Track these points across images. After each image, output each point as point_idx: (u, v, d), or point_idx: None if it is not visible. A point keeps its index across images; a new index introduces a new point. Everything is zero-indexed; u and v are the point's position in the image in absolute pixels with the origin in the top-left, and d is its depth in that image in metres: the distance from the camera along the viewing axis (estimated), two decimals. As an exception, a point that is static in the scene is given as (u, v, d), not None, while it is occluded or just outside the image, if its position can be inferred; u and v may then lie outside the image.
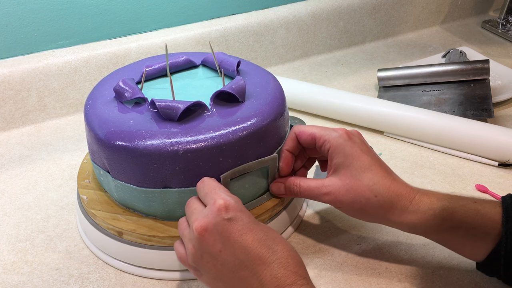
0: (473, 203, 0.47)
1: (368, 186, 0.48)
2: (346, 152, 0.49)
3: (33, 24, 0.77)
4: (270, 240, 0.42)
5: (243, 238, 0.41)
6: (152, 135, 0.48)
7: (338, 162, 0.50)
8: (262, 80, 0.57)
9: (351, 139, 0.50)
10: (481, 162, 0.69)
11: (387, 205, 0.48)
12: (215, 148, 0.48)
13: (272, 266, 0.41)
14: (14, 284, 0.53)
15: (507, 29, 1.07)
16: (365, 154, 0.49)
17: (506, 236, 0.45)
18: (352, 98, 0.76)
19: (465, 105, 0.77)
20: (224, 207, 0.42)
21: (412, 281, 0.52)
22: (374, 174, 0.48)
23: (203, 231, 0.42)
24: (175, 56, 0.60)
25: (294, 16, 0.93)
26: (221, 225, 0.42)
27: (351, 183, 0.48)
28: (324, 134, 0.51)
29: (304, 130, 0.53)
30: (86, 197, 0.55)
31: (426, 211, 0.47)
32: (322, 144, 0.51)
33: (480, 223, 0.46)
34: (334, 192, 0.49)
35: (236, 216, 0.42)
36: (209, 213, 0.43)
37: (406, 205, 0.47)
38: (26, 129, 0.78)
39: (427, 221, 0.47)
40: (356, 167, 0.49)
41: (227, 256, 0.42)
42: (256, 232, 0.42)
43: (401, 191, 0.48)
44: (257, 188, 0.54)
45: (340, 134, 0.50)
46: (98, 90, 0.56)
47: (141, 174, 0.49)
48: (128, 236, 0.51)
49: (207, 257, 0.43)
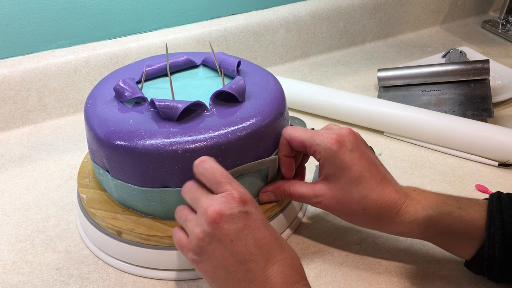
0: (457, 209, 0.48)
1: (357, 200, 0.49)
2: (336, 165, 0.49)
3: (33, 24, 0.77)
4: (279, 239, 0.44)
5: (257, 232, 0.42)
6: (151, 135, 0.48)
7: (329, 173, 0.50)
8: (262, 80, 0.57)
9: (342, 147, 0.49)
10: (481, 162, 0.69)
11: (374, 217, 0.50)
12: (214, 148, 0.48)
13: (280, 263, 0.42)
14: (14, 284, 0.53)
15: (507, 29, 1.07)
16: (356, 165, 0.49)
17: (489, 240, 0.46)
18: (352, 98, 0.76)
19: (465, 105, 0.77)
20: (241, 200, 0.43)
21: (412, 281, 0.52)
22: (363, 187, 0.49)
23: (218, 218, 0.42)
24: (175, 56, 0.60)
25: (294, 16, 0.93)
26: (237, 216, 0.42)
27: (340, 195, 0.50)
28: (313, 144, 0.50)
29: (294, 136, 0.51)
30: (86, 196, 0.55)
31: (411, 221, 0.49)
32: (313, 153, 0.51)
33: (464, 229, 0.47)
34: (325, 202, 0.51)
35: (252, 210, 0.43)
36: (225, 201, 0.42)
37: (392, 217, 0.49)
38: (26, 129, 0.78)
39: (412, 230, 0.49)
40: (345, 180, 0.49)
41: (238, 247, 0.42)
42: (269, 229, 0.43)
43: (389, 202, 0.49)
44: (257, 189, 0.54)
45: (331, 144, 0.49)
46: (98, 89, 0.56)
47: (140, 173, 0.49)
48: (127, 235, 0.51)
49: (216, 244, 0.42)
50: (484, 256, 0.47)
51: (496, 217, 0.46)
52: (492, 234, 0.46)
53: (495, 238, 0.46)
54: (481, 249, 0.47)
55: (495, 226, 0.46)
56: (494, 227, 0.46)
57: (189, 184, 0.46)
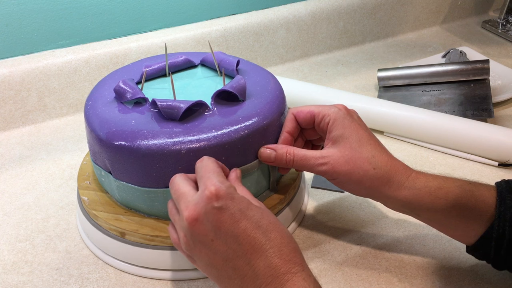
0: (468, 185, 0.47)
1: (367, 159, 0.48)
2: (346, 125, 0.50)
3: (33, 24, 0.77)
4: (264, 226, 0.41)
5: (234, 227, 0.40)
6: (154, 135, 0.48)
7: (337, 134, 0.49)
8: (262, 79, 0.57)
9: (349, 113, 0.51)
10: (481, 162, 0.69)
11: (384, 179, 0.48)
12: (218, 147, 0.48)
13: (266, 255, 0.40)
14: (14, 284, 0.53)
15: (507, 29, 1.07)
16: (363, 129, 0.50)
17: (499, 219, 0.45)
18: (352, 98, 0.76)
19: (465, 105, 0.77)
20: (214, 195, 0.40)
21: (412, 281, 0.52)
22: (373, 147, 0.49)
23: (193, 221, 0.41)
24: (174, 56, 0.60)
25: (294, 16, 0.93)
26: (211, 214, 0.40)
27: (350, 154, 0.48)
28: (322, 110, 0.51)
29: (302, 109, 0.52)
30: (87, 198, 0.55)
31: (421, 188, 0.47)
32: (322, 119, 0.51)
33: (474, 204, 0.46)
34: (332, 163, 0.49)
35: (227, 204, 0.41)
36: (199, 201, 0.41)
37: (403, 181, 0.48)
38: (26, 129, 0.78)
39: (421, 198, 0.47)
40: (355, 139, 0.49)
41: (220, 246, 0.41)
42: (248, 220, 0.41)
43: (398, 167, 0.49)
44: (259, 187, 0.54)
45: (339, 109, 0.51)
46: (98, 90, 0.56)
47: (143, 174, 0.49)
48: (131, 236, 0.51)
49: (199, 246, 0.42)
50: (493, 236, 0.46)
51: (507, 196, 0.46)
52: (503, 213, 0.45)
53: (505, 216, 0.45)
54: (490, 228, 0.46)
55: (505, 205, 0.46)
56: (505, 206, 0.45)
57: (172, 181, 0.46)
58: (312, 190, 0.65)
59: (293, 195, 0.58)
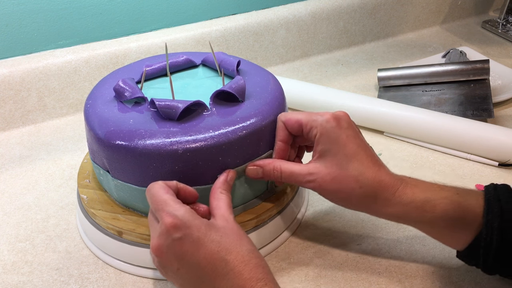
0: (455, 195, 0.47)
1: (353, 177, 0.47)
2: (333, 139, 0.48)
3: (33, 24, 0.77)
4: (222, 251, 0.42)
5: (194, 256, 0.42)
6: (151, 135, 0.48)
7: (325, 149, 0.49)
8: (262, 79, 0.57)
9: (338, 124, 0.49)
10: (481, 162, 0.69)
11: (371, 197, 0.48)
12: (215, 148, 0.48)
13: (228, 278, 0.41)
14: (14, 284, 0.53)
15: (507, 29, 1.07)
16: (351, 142, 0.48)
17: (487, 227, 0.45)
18: (352, 98, 0.76)
19: (465, 105, 0.77)
20: (172, 227, 0.42)
21: (412, 281, 0.52)
22: (360, 163, 0.48)
23: (158, 253, 0.43)
24: (175, 55, 0.60)
25: (294, 16, 0.93)
26: (172, 246, 0.42)
27: (336, 172, 0.48)
28: (310, 120, 0.50)
29: (290, 117, 0.51)
30: (86, 196, 0.55)
31: (408, 203, 0.47)
32: (309, 130, 0.50)
33: (461, 215, 0.46)
34: (319, 180, 0.49)
35: (185, 233, 0.42)
36: (160, 233, 0.43)
37: (389, 197, 0.47)
38: (26, 129, 0.78)
39: (408, 213, 0.47)
40: (342, 156, 0.48)
41: (185, 274, 0.43)
42: (207, 247, 0.42)
43: (386, 182, 0.48)
44: (257, 188, 0.54)
45: (327, 120, 0.49)
46: (98, 90, 0.56)
47: (140, 173, 0.49)
48: (128, 235, 0.51)
49: (169, 272, 0.44)
50: (481, 244, 0.46)
51: (494, 205, 0.46)
52: (490, 221, 0.45)
53: (493, 225, 0.45)
54: (478, 237, 0.46)
55: (493, 213, 0.45)
56: (492, 215, 0.45)
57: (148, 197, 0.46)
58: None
59: (292, 195, 0.57)
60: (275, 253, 0.55)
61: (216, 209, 0.46)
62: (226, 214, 0.45)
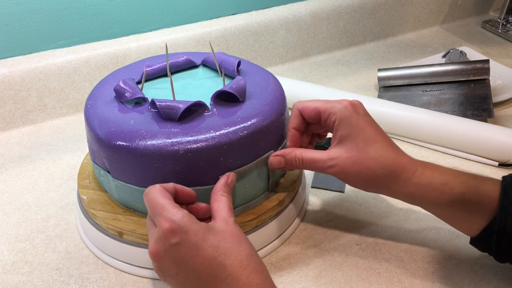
0: (473, 180, 0.48)
1: (374, 159, 0.49)
2: (352, 124, 0.50)
3: (33, 24, 0.77)
4: (221, 256, 0.42)
5: (192, 261, 0.42)
6: (152, 135, 0.48)
7: (344, 134, 0.50)
8: (263, 80, 0.57)
9: (355, 110, 0.51)
10: (481, 162, 0.69)
11: (392, 177, 0.49)
12: (216, 148, 0.48)
13: (226, 283, 0.41)
14: (14, 284, 0.53)
15: (507, 29, 1.07)
16: (369, 126, 0.50)
17: (501, 213, 0.46)
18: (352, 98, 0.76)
19: (465, 105, 0.77)
20: (169, 232, 0.42)
21: (412, 281, 0.52)
22: (379, 146, 0.49)
23: (157, 257, 0.43)
24: (175, 56, 0.60)
25: (294, 16, 0.93)
26: (170, 251, 0.42)
27: (357, 155, 0.49)
28: (328, 107, 0.51)
29: (307, 105, 0.53)
30: (86, 197, 0.55)
31: (427, 184, 0.48)
32: (328, 117, 0.51)
33: (478, 199, 0.47)
34: (340, 164, 0.50)
35: (183, 239, 0.42)
36: (158, 238, 0.43)
37: (409, 177, 0.49)
38: (26, 129, 0.78)
39: (427, 193, 0.49)
40: (362, 139, 0.49)
41: (183, 279, 0.43)
42: (205, 252, 0.42)
43: (405, 163, 0.49)
44: (258, 188, 0.54)
45: (345, 106, 0.51)
46: (98, 90, 0.56)
47: (141, 174, 0.49)
48: (129, 236, 0.51)
49: (167, 277, 0.44)
50: (495, 229, 0.46)
51: (511, 191, 0.46)
52: (505, 207, 0.46)
53: (507, 210, 0.46)
54: (492, 222, 0.47)
55: (508, 199, 0.46)
56: (508, 201, 0.46)
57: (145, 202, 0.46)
58: (312, 190, 0.65)
59: (293, 196, 0.57)
60: (275, 253, 0.56)
61: (217, 211, 0.46)
62: (227, 216, 0.45)
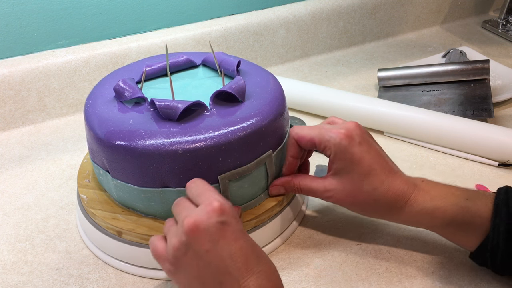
0: (464, 201, 0.49)
1: (368, 192, 0.50)
2: (347, 158, 0.50)
3: (33, 24, 0.77)
4: (257, 251, 0.43)
5: (232, 244, 0.41)
6: (151, 135, 0.48)
7: (339, 167, 0.51)
8: (262, 80, 0.57)
9: (351, 141, 0.50)
10: (481, 162, 0.69)
11: (385, 208, 0.51)
12: (215, 148, 0.48)
13: (257, 276, 0.41)
14: (14, 284, 0.53)
15: (507, 29, 1.07)
16: (365, 158, 0.50)
17: (493, 231, 0.47)
18: (352, 98, 0.76)
19: (465, 105, 0.77)
20: (219, 209, 0.42)
21: (412, 281, 0.52)
22: (373, 179, 0.50)
23: (194, 228, 0.41)
24: (175, 56, 0.60)
25: (294, 16, 0.93)
26: (213, 226, 0.41)
27: (351, 189, 0.51)
28: (323, 140, 0.51)
29: (303, 135, 0.53)
30: (86, 196, 0.55)
31: (419, 211, 0.50)
32: (323, 149, 0.52)
33: (470, 220, 0.48)
34: (336, 196, 0.52)
35: (230, 220, 0.42)
36: (202, 212, 0.42)
37: (402, 206, 0.50)
38: (26, 129, 0.78)
39: (420, 219, 0.51)
40: (356, 173, 0.50)
41: (213, 258, 0.41)
42: (246, 241, 0.42)
43: (399, 192, 0.50)
44: (257, 188, 0.54)
45: (340, 139, 0.50)
46: (98, 90, 0.56)
47: (140, 173, 0.49)
48: (128, 235, 0.51)
49: (191, 254, 0.42)
50: (488, 247, 0.48)
51: (502, 209, 0.47)
52: (497, 226, 0.47)
53: (499, 229, 0.46)
54: (485, 240, 0.48)
55: (500, 217, 0.47)
56: (500, 219, 0.47)
57: (177, 200, 0.46)
58: (312, 190, 0.65)
59: (292, 196, 0.57)
60: (275, 253, 0.55)
61: None
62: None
